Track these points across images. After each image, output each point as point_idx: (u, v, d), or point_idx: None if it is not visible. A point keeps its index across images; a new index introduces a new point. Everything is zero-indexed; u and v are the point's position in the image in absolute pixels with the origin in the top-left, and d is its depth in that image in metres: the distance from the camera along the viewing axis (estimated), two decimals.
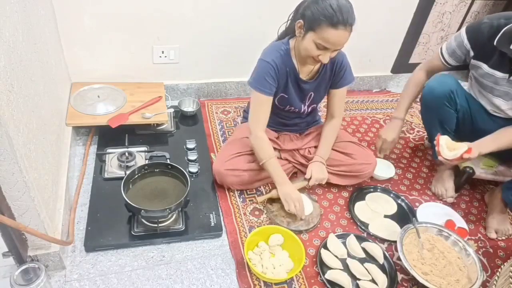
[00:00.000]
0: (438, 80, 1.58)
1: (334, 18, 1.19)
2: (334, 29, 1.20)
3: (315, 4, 1.23)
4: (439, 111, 1.58)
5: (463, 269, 1.33)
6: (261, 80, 1.38)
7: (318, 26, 1.22)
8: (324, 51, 1.27)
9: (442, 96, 1.54)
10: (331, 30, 1.21)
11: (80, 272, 1.23)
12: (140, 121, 1.70)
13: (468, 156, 1.34)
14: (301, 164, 1.65)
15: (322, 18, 1.20)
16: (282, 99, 1.51)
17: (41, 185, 1.09)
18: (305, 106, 1.57)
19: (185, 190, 1.36)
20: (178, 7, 1.77)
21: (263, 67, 1.38)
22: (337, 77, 1.49)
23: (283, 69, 1.41)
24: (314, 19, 1.23)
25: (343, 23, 1.20)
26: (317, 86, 1.51)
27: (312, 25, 1.24)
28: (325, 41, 1.24)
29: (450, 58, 1.53)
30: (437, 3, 2.26)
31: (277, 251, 1.34)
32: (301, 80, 1.46)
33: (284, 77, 1.43)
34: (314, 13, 1.22)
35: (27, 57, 1.10)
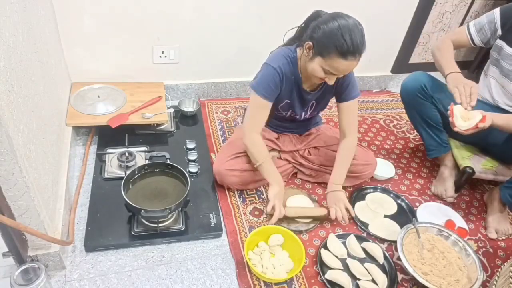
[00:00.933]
0: (410, 78, 1.64)
1: (344, 47, 1.16)
2: (344, 59, 1.18)
3: (324, 27, 1.18)
4: (415, 105, 1.64)
5: (463, 269, 1.33)
6: (265, 85, 1.36)
7: (327, 53, 1.19)
8: (331, 75, 1.26)
9: (414, 89, 1.60)
10: (340, 60, 1.18)
11: (80, 272, 1.23)
12: (140, 121, 1.70)
13: (483, 126, 1.32)
14: (301, 164, 1.65)
15: (332, 47, 1.17)
16: (286, 105, 1.49)
17: (41, 185, 1.09)
18: (306, 114, 1.56)
19: (185, 190, 1.36)
20: (178, 7, 1.77)
21: (269, 73, 1.36)
22: (341, 88, 1.45)
23: (289, 77, 1.39)
24: (324, 46, 1.19)
25: (353, 53, 1.17)
26: (319, 96, 1.49)
27: (322, 51, 1.21)
28: (334, 69, 1.22)
29: (476, 35, 1.54)
30: (437, 3, 2.26)
31: (277, 251, 1.34)
32: (304, 91, 1.45)
33: (289, 84, 1.41)
34: (325, 40, 1.18)
35: (27, 57, 1.10)
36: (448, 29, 2.45)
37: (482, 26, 1.52)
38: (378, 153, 1.94)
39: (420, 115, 1.64)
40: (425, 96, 1.60)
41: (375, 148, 1.97)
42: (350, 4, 2.03)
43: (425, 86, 1.58)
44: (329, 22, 1.19)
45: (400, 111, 2.31)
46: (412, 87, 1.61)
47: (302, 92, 1.45)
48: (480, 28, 1.53)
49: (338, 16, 1.19)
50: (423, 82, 1.59)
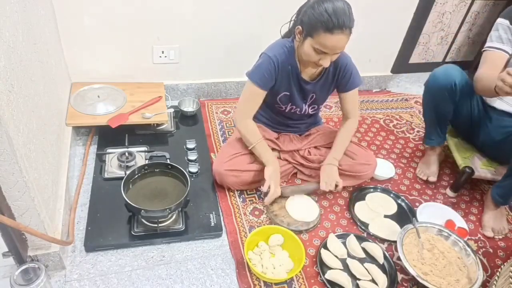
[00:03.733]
0: (443, 71, 1.56)
1: (329, 23, 1.19)
2: (330, 34, 1.20)
3: (311, 10, 1.23)
4: (438, 100, 1.60)
5: (463, 269, 1.33)
6: (259, 73, 1.40)
7: (315, 32, 1.23)
8: (323, 55, 1.27)
9: (444, 86, 1.54)
10: (327, 35, 1.21)
11: (80, 272, 1.23)
12: (140, 121, 1.70)
13: None
14: (301, 164, 1.65)
15: (318, 24, 1.21)
16: (285, 97, 1.51)
17: (41, 185, 1.09)
18: (306, 105, 1.56)
19: (185, 190, 1.36)
20: (178, 7, 1.77)
21: (264, 61, 1.39)
22: (342, 81, 1.49)
23: (286, 66, 1.41)
24: (311, 25, 1.23)
25: (339, 27, 1.19)
26: (319, 87, 1.51)
27: (310, 31, 1.25)
28: (323, 47, 1.24)
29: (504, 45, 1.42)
30: (437, 3, 2.26)
31: (277, 251, 1.34)
32: (303, 80, 1.46)
33: (286, 74, 1.43)
34: (311, 19, 1.23)
35: (27, 57, 1.10)
36: (448, 29, 2.45)
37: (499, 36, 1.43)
38: (378, 153, 1.94)
39: (436, 109, 1.63)
40: (452, 95, 1.55)
41: (375, 148, 1.97)
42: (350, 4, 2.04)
43: (455, 85, 1.52)
44: (315, 5, 1.23)
45: (400, 111, 2.31)
46: (444, 83, 1.54)
47: (301, 82, 1.47)
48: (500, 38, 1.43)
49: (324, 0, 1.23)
50: (455, 79, 1.53)
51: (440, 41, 2.49)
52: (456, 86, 1.53)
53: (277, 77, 1.42)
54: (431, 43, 2.47)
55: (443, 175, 1.84)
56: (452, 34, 2.49)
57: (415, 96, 2.43)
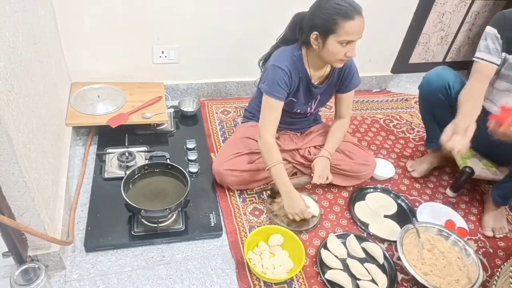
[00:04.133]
0: (435, 74, 1.57)
1: (348, 11, 1.22)
2: (352, 20, 1.22)
3: (322, 11, 1.25)
4: (433, 103, 1.59)
5: (463, 269, 1.33)
6: (274, 85, 1.38)
7: (336, 25, 1.24)
8: (349, 46, 1.28)
9: (437, 88, 1.54)
10: (350, 22, 1.23)
11: (80, 272, 1.23)
12: (140, 121, 1.70)
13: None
14: (301, 164, 1.65)
15: (336, 17, 1.22)
16: (290, 103, 1.51)
17: (41, 185, 1.09)
18: (311, 109, 1.58)
19: (185, 190, 1.36)
20: (178, 7, 1.77)
21: (277, 73, 1.38)
22: (345, 82, 1.51)
23: (296, 75, 1.42)
24: (329, 22, 1.24)
25: (357, 11, 1.23)
26: (325, 90, 1.52)
27: (329, 28, 1.25)
28: (349, 35, 1.25)
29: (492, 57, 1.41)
30: (437, 3, 2.26)
31: (277, 251, 1.34)
32: (313, 85, 1.47)
33: (296, 82, 1.44)
34: (325, 18, 1.24)
35: (27, 57, 1.10)
36: (448, 29, 2.45)
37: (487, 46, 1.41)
38: (378, 153, 1.94)
39: (433, 113, 1.63)
40: (447, 97, 1.54)
41: (375, 148, 1.97)
42: None
43: (449, 86, 1.52)
44: (319, 5, 1.26)
45: (400, 111, 2.31)
46: (436, 85, 1.54)
47: (311, 87, 1.48)
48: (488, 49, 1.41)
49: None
50: (448, 81, 1.52)
51: (440, 41, 2.49)
52: (450, 87, 1.53)
53: (291, 86, 1.43)
54: (431, 43, 2.47)
55: (443, 175, 1.84)
56: (452, 34, 2.49)
57: (415, 96, 2.43)
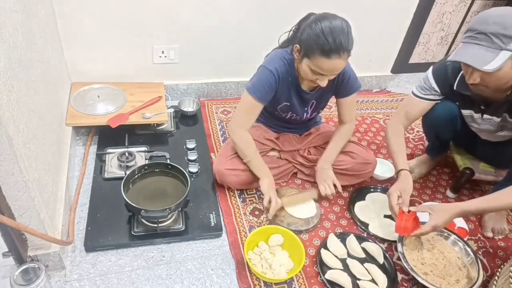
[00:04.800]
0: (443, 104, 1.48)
1: (326, 46, 1.16)
2: (327, 58, 1.18)
3: (309, 29, 1.20)
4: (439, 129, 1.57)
5: (463, 269, 1.33)
6: (259, 87, 1.38)
7: (312, 54, 1.21)
8: (321, 76, 1.26)
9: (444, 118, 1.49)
10: (324, 59, 1.19)
11: (80, 272, 1.23)
12: (140, 121, 1.70)
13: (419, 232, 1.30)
14: (301, 164, 1.65)
15: (314, 46, 1.18)
16: (285, 107, 1.51)
17: (41, 185, 1.09)
18: (307, 114, 1.57)
19: (185, 190, 1.36)
20: (178, 7, 1.77)
21: (265, 75, 1.37)
22: (340, 87, 1.47)
23: (286, 78, 1.40)
24: (308, 46, 1.21)
25: (336, 51, 1.17)
26: (319, 96, 1.51)
27: (307, 52, 1.23)
28: (320, 70, 1.23)
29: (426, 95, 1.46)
30: (437, 3, 2.26)
31: (277, 251, 1.34)
32: (303, 91, 1.46)
33: (286, 86, 1.43)
34: (308, 39, 1.20)
35: (27, 57, 1.10)
36: (448, 29, 2.45)
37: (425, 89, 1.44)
38: (378, 153, 1.94)
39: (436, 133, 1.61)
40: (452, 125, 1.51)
41: (374, 148, 1.97)
42: (350, 4, 2.04)
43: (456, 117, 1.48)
44: (313, 23, 1.20)
45: None
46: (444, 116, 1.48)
47: (301, 93, 1.46)
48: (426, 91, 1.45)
49: (323, 17, 1.20)
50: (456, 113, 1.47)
51: (440, 41, 2.49)
52: (456, 117, 1.49)
53: (277, 89, 1.41)
54: (431, 43, 2.47)
55: (443, 175, 1.84)
56: (452, 34, 2.49)
57: None
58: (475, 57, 1.11)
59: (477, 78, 1.16)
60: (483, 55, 1.09)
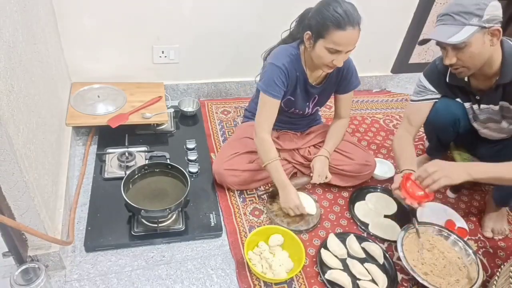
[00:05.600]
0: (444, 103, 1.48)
1: (340, 20, 1.21)
2: (343, 30, 1.22)
3: (319, 13, 1.25)
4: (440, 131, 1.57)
5: (463, 269, 1.33)
6: (271, 84, 1.39)
7: (327, 32, 1.24)
8: (336, 54, 1.28)
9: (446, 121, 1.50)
10: (340, 32, 1.22)
11: (80, 272, 1.23)
12: (140, 121, 1.70)
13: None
14: (301, 164, 1.65)
15: (328, 23, 1.22)
16: (289, 102, 1.52)
17: (41, 185, 1.09)
18: (309, 108, 1.58)
19: (185, 190, 1.36)
20: (178, 7, 1.77)
21: (274, 71, 1.39)
22: (343, 82, 1.51)
23: (293, 73, 1.42)
24: (322, 26, 1.24)
25: (350, 23, 1.21)
26: (323, 90, 1.53)
27: (321, 32, 1.25)
28: (337, 44, 1.25)
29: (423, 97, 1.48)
30: (437, 3, 2.26)
31: (277, 251, 1.34)
32: (310, 85, 1.48)
33: (293, 81, 1.44)
34: (320, 20, 1.24)
35: (27, 57, 1.10)
36: None
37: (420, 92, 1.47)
38: (378, 153, 1.94)
39: (437, 136, 1.61)
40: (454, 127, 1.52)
41: (374, 148, 1.97)
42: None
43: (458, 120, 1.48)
44: (322, 7, 1.25)
45: (400, 111, 2.31)
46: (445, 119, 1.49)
47: (308, 86, 1.48)
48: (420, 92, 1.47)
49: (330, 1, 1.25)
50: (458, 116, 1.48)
51: None
52: (459, 121, 1.49)
53: (287, 84, 1.43)
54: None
55: None
56: None
57: None
58: (440, 33, 1.22)
59: (453, 58, 1.23)
60: (447, 30, 1.20)
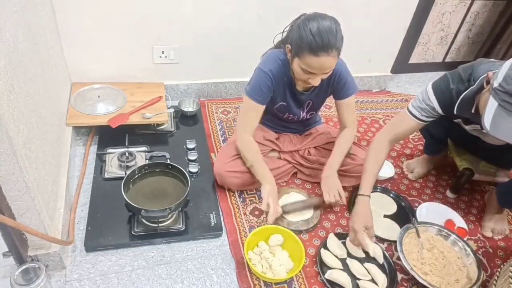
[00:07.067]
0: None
1: (313, 44, 1.17)
2: (315, 56, 1.19)
3: (298, 29, 1.22)
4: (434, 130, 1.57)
5: (462, 269, 1.33)
6: (256, 89, 1.39)
7: (301, 52, 1.22)
8: (312, 75, 1.26)
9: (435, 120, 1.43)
10: (312, 57, 1.20)
11: (80, 272, 1.23)
12: (140, 121, 1.71)
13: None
14: (301, 164, 1.65)
15: (302, 45, 1.20)
16: (282, 107, 1.52)
17: (41, 185, 1.09)
18: (304, 113, 1.57)
19: (185, 190, 1.36)
20: (178, 7, 1.78)
21: (260, 76, 1.39)
22: (337, 88, 1.47)
23: (281, 78, 1.41)
24: (297, 46, 1.23)
25: (324, 49, 1.18)
26: (314, 96, 1.51)
27: (297, 51, 1.24)
28: (309, 68, 1.24)
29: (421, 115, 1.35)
30: (437, 3, 2.27)
31: (277, 251, 1.34)
32: (298, 92, 1.47)
33: (281, 86, 1.44)
34: (297, 39, 1.22)
35: (27, 57, 1.10)
36: (448, 29, 2.45)
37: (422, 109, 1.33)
38: None
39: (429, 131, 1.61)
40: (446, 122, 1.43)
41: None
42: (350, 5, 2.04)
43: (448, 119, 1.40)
44: (301, 24, 1.22)
45: (399, 111, 2.31)
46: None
47: (296, 93, 1.47)
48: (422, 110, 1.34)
49: (312, 17, 1.21)
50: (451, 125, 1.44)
51: (440, 41, 2.50)
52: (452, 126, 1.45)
53: (274, 90, 1.43)
54: (431, 43, 2.47)
55: (443, 175, 1.84)
56: (452, 34, 2.50)
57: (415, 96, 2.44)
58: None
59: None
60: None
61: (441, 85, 1.28)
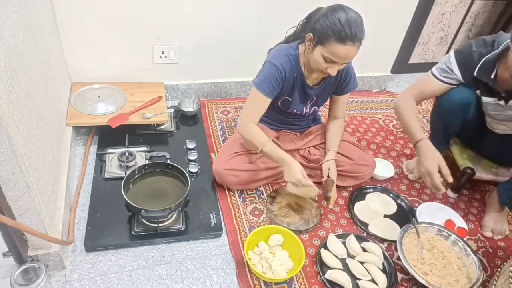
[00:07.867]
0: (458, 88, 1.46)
1: (342, 33, 1.20)
2: (342, 44, 1.21)
3: (324, 18, 1.24)
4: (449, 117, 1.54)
5: (462, 269, 1.33)
6: (266, 81, 1.39)
7: (327, 40, 1.23)
8: (332, 64, 1.28)
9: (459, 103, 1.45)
10: (339, 45, 1.22)
11: (80, 272, 1.23)
12: (140, 121, 1.71)
13: None
14: (301, 164, 1.65)
15: (330, 33, 1.21)
16: (286, 102, 1.52)
17: (41, 185, 1.09)
18: (307, 108, 1.58)
19: (185, 190, 1.36)
20: (178, 7, 1.77)
21: (271, 70, 1.39)
22: (342, 84, 1.52)
23: (291, 74, 1.42)
24: (323, 34, 1.24)
25: (351, 38, 1.20)
26: (321, 91, 1.52)
27: (321, 39, 1.25)
28: (333, 56, 1.25)
29: (441, 75, 1.44)
30: (437, 3, 2.26)
31: (277, 251, 1.34)
32: (308, 86, 1.48)
33: (291, 81, 1.44)
34: (323, 27, 1.23)
35: (27, 57, 1.10)
36: (448, 29, 2.45)
37: (445, 70, 1.42)
38: (378, 153, 1.94)
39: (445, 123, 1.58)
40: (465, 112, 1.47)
41: (374, 147, 1.97)
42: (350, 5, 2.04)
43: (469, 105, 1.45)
44: (329, 12, 1.24)
45: None
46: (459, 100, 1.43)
47: (305, 87, 1.48)
48: (442, 69, 1.43)
49: (338, 7, 1.24)
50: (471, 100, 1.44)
51: (440, 41, 2.49)
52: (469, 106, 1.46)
53: (283, 85, 1.43)
54: (431, 43, 2.47)
55: None
56: (452, 34, 2.49)
57: None
58: None
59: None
60: None
61: (463, 49, 1.38)
